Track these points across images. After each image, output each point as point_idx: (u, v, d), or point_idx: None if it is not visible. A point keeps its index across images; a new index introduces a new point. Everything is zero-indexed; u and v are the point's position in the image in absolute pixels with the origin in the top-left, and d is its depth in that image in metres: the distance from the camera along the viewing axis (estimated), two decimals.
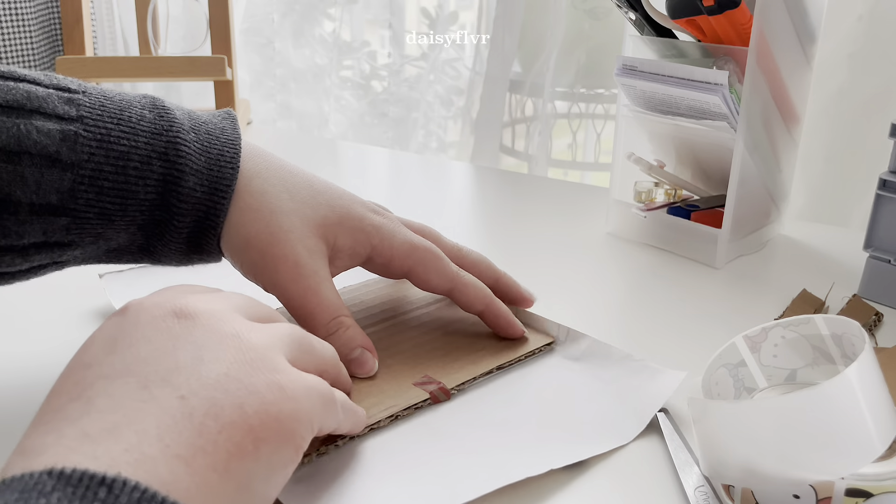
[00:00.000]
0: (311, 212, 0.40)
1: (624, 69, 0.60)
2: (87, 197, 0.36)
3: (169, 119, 0.38)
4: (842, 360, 0.38)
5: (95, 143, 0.36)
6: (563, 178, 1.12)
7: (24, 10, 1.02)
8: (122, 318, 0.28)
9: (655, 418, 0.38)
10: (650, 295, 0.55)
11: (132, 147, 0.36)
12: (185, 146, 0.38)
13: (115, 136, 0.36)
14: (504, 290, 0.46)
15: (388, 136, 1.21)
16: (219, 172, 0.38)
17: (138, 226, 0.38)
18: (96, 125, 0.36)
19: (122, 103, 0.37)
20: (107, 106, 0.37)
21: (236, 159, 0.39)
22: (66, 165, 0.35)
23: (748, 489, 0.31)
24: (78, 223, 0.36)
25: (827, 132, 0.79)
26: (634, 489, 0.34)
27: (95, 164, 0.36)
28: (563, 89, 1.05)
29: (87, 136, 0.35)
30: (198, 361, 0.26)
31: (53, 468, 0.21)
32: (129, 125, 0.37)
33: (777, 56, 0.57)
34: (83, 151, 0.35)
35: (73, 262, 0.39)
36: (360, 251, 0.42)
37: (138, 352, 0.26)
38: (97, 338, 0.27)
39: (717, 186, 0.65)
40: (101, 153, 0.36)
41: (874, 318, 0.50)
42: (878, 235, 0.53)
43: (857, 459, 0.29)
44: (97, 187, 0.36)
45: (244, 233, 0.39)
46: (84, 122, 0.36)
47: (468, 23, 1.17)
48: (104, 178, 0.36)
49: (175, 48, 1.18)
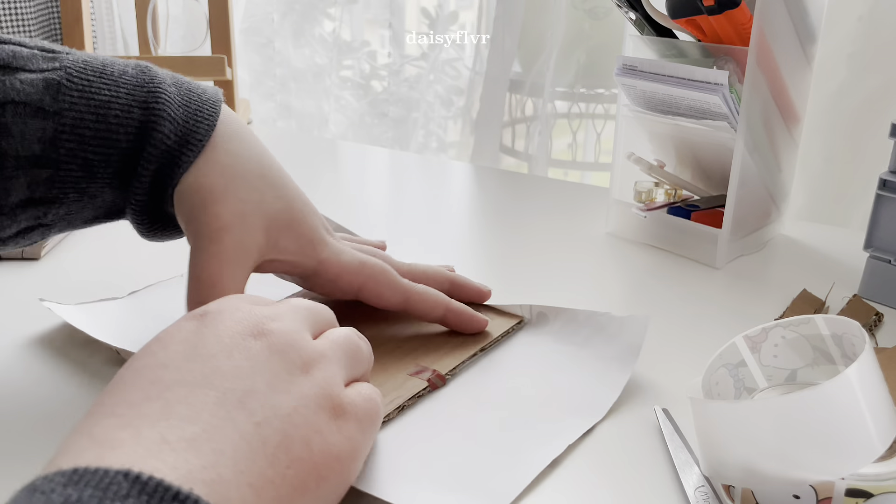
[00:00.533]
0: (270, 198, 0.39)
1: (624, 69, 0.60)
2: (69, 146, 0.36)
3: (150, 74, 0.39)
4: (842, 361, 0.38)
5: (77, 93, 0.36)
6: (563, 178, 1.12)
7: (23, 10, 1.02)
8: (200, 325, 0.28)
9: (656, 417, 0.38)
10: (650, 295, 0.55)
11: (113, 97, 0.37)
12: (165, 95, 0.38)
13: (96, 87, 0.37)
14: (459, 290, 0.47)
15: (388, 136, 1.21)
16: (195, 125, 0.38)
17: (120, 178, 0.38)
18: (79, 76, 0.36)
19: (106, 60, 0.38)
20: (89, 62, 0.37)
21: (214, 117, 0.39)
22: (48, 114, 0.35)
23: (748, 489, 0.31)
24: (61, 175, 0.36)
25: (827, 132, 0.79)
26: (635, 489, 0.34)
27: (77, 113, 0.36)
28: (563, 89, 1.05)
29: (69, 85, 0.36)
30: (271, 389, 0.26)
31: (130, 471, 0.21)
32: (111, 78, 0.37)
33: (777, 56, 0.57)
34: (65, 100, 0.36)
35: (59, 224, 0.38)
36: (303, 261, 0.41)
37: (217, 365, 0.26)
38: (174, 339, 0.27)
39: (718, 186, 0.65)
40: (82, 102, 0.36)
41: (874, 318, 0.50)
42: (878, 235, 0.53)
43: (857, 460, 0.29)
44: (78, 136, 0.36)
45: (201, 180, 0.38)
46: (67, 72, 0.36)
47: (468, 23, 1.17)
48: (85, 127, 0.36)
49: (175, 48, 1.18)
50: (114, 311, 0.48)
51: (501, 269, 0.59)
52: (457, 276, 0.48)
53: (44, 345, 0.45)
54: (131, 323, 0.47)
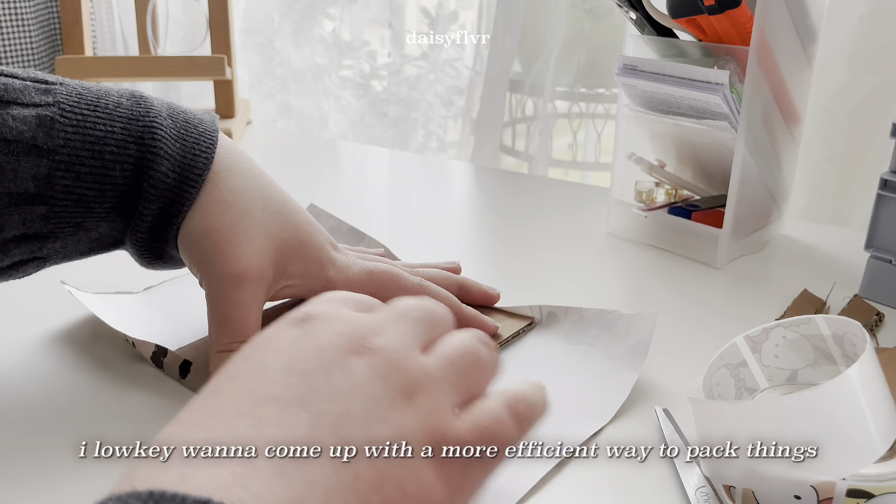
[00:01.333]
0: (276, 229, 0.40)
1: (624, 69, 0.60)
2: (64, 183, 0.36)
3: (146, 106, 0.38)
4: (843, 361, 0.37)
5: (71, 129, 0.36)
6: (563, 177, 1.12)
7: (23, 10, 1.01)
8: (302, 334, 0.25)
9: (656, 417, 0.38)
10: (651, 295, 0.54)
11: (108, 132, 0.36)
12: (161, 130, 0.37)
13: (91, 122, 0.36)
14: (468, 293, 0.47)
15: (388, 135, 1.21)
16: (192, 160, 0.38)
17: (117, 213, 0.38)
18: (72, 111, 0.36)
19: (100, 92, 0.38)
20: (83, 94, 0.37)
21: (211, 150, 0.39)
22: (43, 151, 0.35)
23: (749, 490, 0.31)
24: (56, 211, 0.36)
25: (827, 132, 0.79)
26: (635, 489, 0.34)
27: (71, 150, 0.35)
28: (564, 89, 1.05)
29: (63, 121, 0.35)
30: (368, 418, 0.23)
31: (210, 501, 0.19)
32: (106, 111, 0.37)
33: (778, 56, 0.57)
34: (59, 137, 0.35)
35: (55, 258, 0.38)
36: (312, 283, 0.41)
37: (314, 383, 0.24)
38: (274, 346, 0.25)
39: (718, 186, 0.65)
40: (77, 138, 0.36)
41: (875, 318, 0.50)
42: (879, 235, 0.53)
43: (858, 460, 0.29)
44: (74, 173, 0.36)
45: (207, 223, 0.38)
46: (60, 108, 0.36)
47: (468, 23, 1.16)
48: (80, 164, 0.36)
49: (175, 48, 1.18)
50: (129, 304, 0.49)
51: (502, 269, 0.59)
52: (465, 279, 0.48)
53: (46, 345, 0.45)
54: (146, 317, 0.48)
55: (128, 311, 0.48)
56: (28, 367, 0.42)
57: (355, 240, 0.56)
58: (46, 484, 0.33)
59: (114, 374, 0.42)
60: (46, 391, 0.40)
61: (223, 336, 0.38)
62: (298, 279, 0.41)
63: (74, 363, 0.43)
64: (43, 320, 0.47)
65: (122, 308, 0.48)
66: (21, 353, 0.44)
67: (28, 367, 0.43)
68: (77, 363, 0.43)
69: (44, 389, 0.40)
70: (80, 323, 0.47)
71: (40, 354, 0.44)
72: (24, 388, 0.40)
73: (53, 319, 0.47)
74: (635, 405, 0.40)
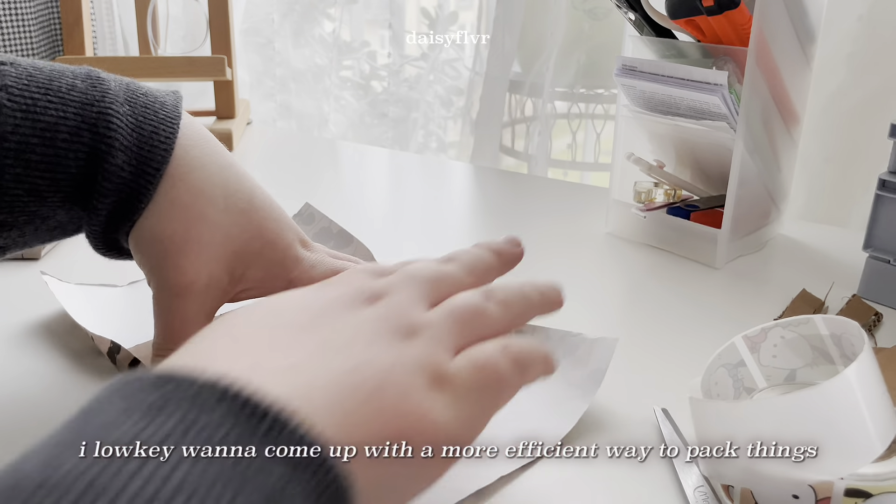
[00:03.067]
0: (237, 231, 0.37)
1: (624, 69, 0.60)
2: (15, 172, 0.33)
3: (102, 89, 0.35)
4: (841, 361, 0.38)
5: (21, 114, 0.33)
6: (562, 178, 1.12)
7: (23, 10, 1.02)
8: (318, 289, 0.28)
9: (655, 417, 0.38)
10: (650, 295, 0.55)
11: (60, 118, 0.34)
12: (117, 119, 0.35)
13: (41, 106, 0.34)
14: None
15: (388, 136, 1.21)
16: (149, 152, 0.35)
17: (73, 202, 0.35)
18: (22, 95, 0.33)
19: (53, 73, 0.35)
20: (34, 76, 0.34)
21: (171, 140, 0.36)
22: None
23: (747, 489, 0.31)
24: (7, 201, 0.34)
25: (827, 132, 0.79)
26: (634, 489, 0.34)
27: (21, 136, 0.33)
28: (563, 89, 1.05)
29: (12, 105, 0.33)
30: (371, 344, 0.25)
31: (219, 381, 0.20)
32: (58, 95, 0.34)
33: (776, 56, 0.57)
34: (7, 123, 0.33)
35: (14, 246, 0.37)
36: (272, 284, 0.39)
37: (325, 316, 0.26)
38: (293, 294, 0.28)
39: (717, 186, 0.65)
40: (27, 124, 0.33)
41: (873, 318, 0.50)
42: (877, 235, 0.53)
43: (856, 459, 0.29)
44: (24, 161, 0.33)
45: (159, 229, 0.36)
46: (9, 91, 0.33)
47: (468, 23, 1.17)
48: (31, 151, 0.33)
49: (175, 48, 1.18)
50: (107, 297, 0.49)
51: None
52: None
53: (44, 344, 0.45)
54: (120, 311, 0.48)
55: (101, 304, 0.48)
56: (7, 375, 0.42)
57: (344, 242, 0.56)
58: None
59: (95, 370, 0.42)
60: (31, 398, 0.40)
61: (163, 342, 0.37)
62: (257, 282, 0.39)
63: (59, 368, 0.43)
64: (22, 315, 0.47)
65: (96, 301, 0.48)
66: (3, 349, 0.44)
67: (8, 374, 0.43)
68: (60, 368, 0.43)
69: (27, 396, 0.40)
70: (61, 327, 0.47)
71: (20, 362, 0.44)
72: (5, 394, 0.40)
73: (32, 313, 0.47)
74: (635, 405, 0.40)
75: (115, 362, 0.43)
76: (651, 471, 0.35)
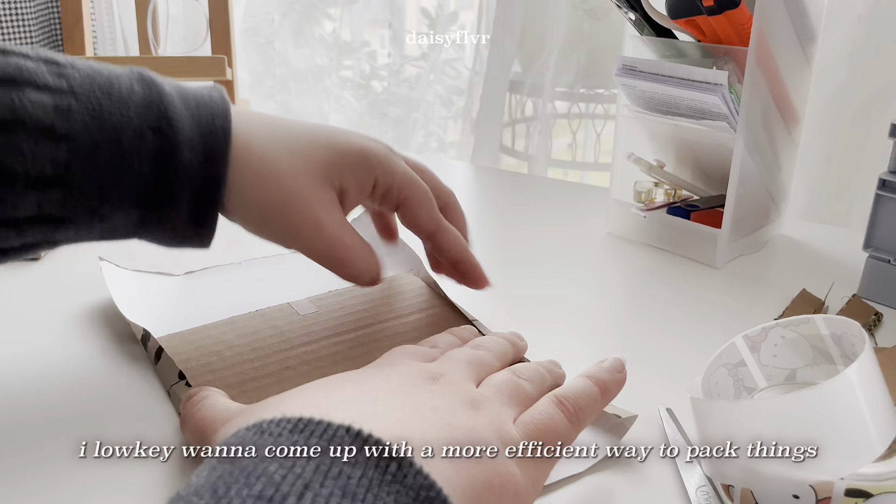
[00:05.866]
0: (314, 163, 0.41)
1: (624, 69, 0.60)
2: (83, 169, 0.36)
3: (158, 92, 0.38)
4: (841, 361, 0.38)
5: (89, 116, 0.36)
6: (563, 178, 1.12)
7: (24, 10, 1.02)
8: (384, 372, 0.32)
9: (659, 416, 0.38)
10: (650, 295, 0.55)
11: (125, 120, 0.36)
12: (178, 120, 0.37)
13: (107, 109, 0.36)
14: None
15: (388, 136, 1.21)
16: (212, 143, 0.38)
17: (134, 200, 0.38)
18: (88, 98, 0.36)
19: (111, 76, 0.37)
20: (96, 79, 0.37)
21: (227, 127, 0.39)
22: (61, 137, 0.35)
23: (747, 489, 0.31)
24: (73, 196, 0.36)
25: (827, 132, 0.79)
26: (637, 488, 0.34)
27: (89, 136, 0.35)
28: (563, 89, 1.05)
29: (80, 108, 0.35)
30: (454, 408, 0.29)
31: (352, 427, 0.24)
32: (120, 98, 0.37)
33: (777, 56, 0.57)
34: (76, 122, 0.35)
35: (67, 241, 0.39)
36: (365, 185, 0.42)
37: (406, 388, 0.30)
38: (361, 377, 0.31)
39: (717, 186, 0.65)
40: (94, 125, 0.36)
41: (874, 318, 0.50)
42: (877, 235, 0.53)
43: (856, 459, 0.29)
44: (92, 159, 0.36)
45: (257, 202, 0.39)
46: (75, 95, 0.36)
47: (468, 23, 1.17)
48: (99, 151, 0.36)
49: (175, 48, 1.18)
50: (160, 285, 0.50)
51: (501, 269, 0.59)
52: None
53: (43, 344, 0.45)
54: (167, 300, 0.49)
55: (150, 292, 0.49)
56: (8, 376, 0.42)
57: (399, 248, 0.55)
58: (46, 484, 0.33)
59: (115, 369, 0.42)
60: (30, 398, 0.40)
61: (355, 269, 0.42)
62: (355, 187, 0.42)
63: (57, 367, 0.43)
64: (72, 299, 0.47)
65: (146, 288, 0.50)
66: (24, 347, 0.44)
67: (8, 375, 0.43)
68: (59, 367, 0.43)
69: (27, 397, 0.40)
70: (61, 327, 0.47)
71: (21, 363, 0.44)
72: (24, 385, 0.40)
73: (36, 325, 0.48)
74: (634, 405, 0.40)
75: (147, 349, 0.44)
76: (653, 470, 0.35)
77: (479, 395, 0.31)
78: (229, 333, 0.44)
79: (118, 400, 0.40)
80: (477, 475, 0.26)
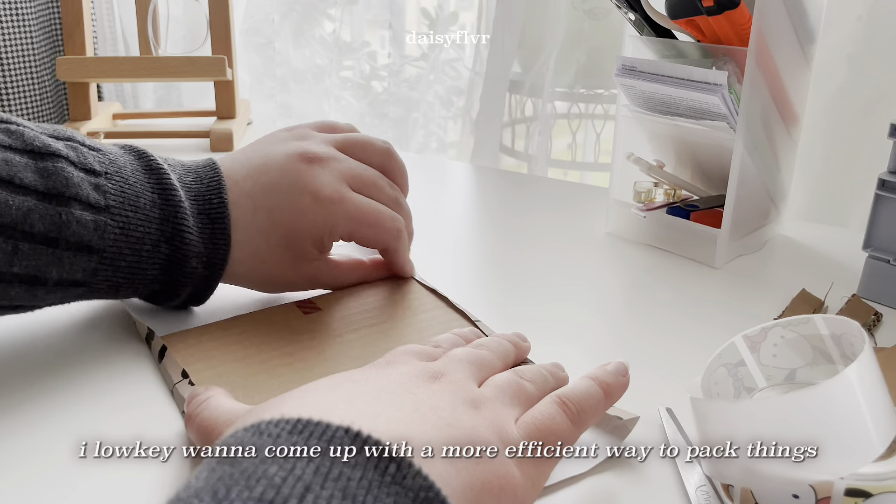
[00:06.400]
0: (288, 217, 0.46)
1: (623, 69, 0.60)
2: (106, 274, 0.41)
3: (174, 204, 0.43)
4: (841, 360, 0.38)
5: (119, 231, 0.41)
6: (562, 178, 1.12)
7: (24, 10, 1.02)
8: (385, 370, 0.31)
9: (659, 416, 0.38)
10: (650, 295, 0.55)
11: (146, 233, 0.42)
12: (189, 232, 0.43)
13: (133, 224, 0.42)
14: None
15: (389, 136, 1.21)
16: (214, 251, 0.44)
17: (141, 293, 0.45)
18: (120, 214, 0.41)
19: (137, 187, 0.42)
20: (126, 192, 0.42)
21: (227, 233, 0.44)
22: (95, 250, 0.40)
23: (747, 489, 0.31)
24: (91, 292, 0.42)
25: (826, 132, 0.79)
26: (637, 488, 0.34)
27: (117, 249, 0.41)
28: (563, 89, 1.05)
29: (113, 224, 0.41)
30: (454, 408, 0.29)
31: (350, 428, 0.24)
32: (144, 212, 0.42)
33: (776, 56, 0.57)
34: (108, 238, 0.41)
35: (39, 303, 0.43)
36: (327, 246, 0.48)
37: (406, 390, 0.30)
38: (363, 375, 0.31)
39: (717, 186, 0.65)
40: (122, 239, 0.41)
41: (873, 317, 0.50)
42: (877, 235, 0.53)
43: (856, 459, 0.29)
44: (115, 267, 0.41)
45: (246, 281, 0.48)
46: (110, 212, 0.41)
47: (468, 23, 1.17)
48: (122, 260, 0.41)
49: (175, 48, 1.18)
50: None
51: (501, 269, 0.59)
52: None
53: (46, 341, 0.45)
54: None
55: None
56: (31, 357, 0.43)
57: None
58: (46, 484, 0.33)
59: (118, 367, 0.42)
60: (48, 385, 0.40)
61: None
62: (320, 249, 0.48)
63: (57, 367, 0.43)
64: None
65: None
66: (21, 343, 0.44)
67: (8, 376, 0.43)
68: (59, 367, 0.43)
69: (27, 395, 0.40)
70: (60, 327, 0.47)
71: (21, 363, 0.44)
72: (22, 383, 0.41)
73: (36, 325, 0.48)
74: (634, 404, 0.40)
75: (150, 348, 0.44)
76: (652, 470, 0.35)
77: (481, 395, 0.31)
78: (233, 333, 0.44)
79: (120, 398, 0.40)
80: (476, 476, 0.26)
